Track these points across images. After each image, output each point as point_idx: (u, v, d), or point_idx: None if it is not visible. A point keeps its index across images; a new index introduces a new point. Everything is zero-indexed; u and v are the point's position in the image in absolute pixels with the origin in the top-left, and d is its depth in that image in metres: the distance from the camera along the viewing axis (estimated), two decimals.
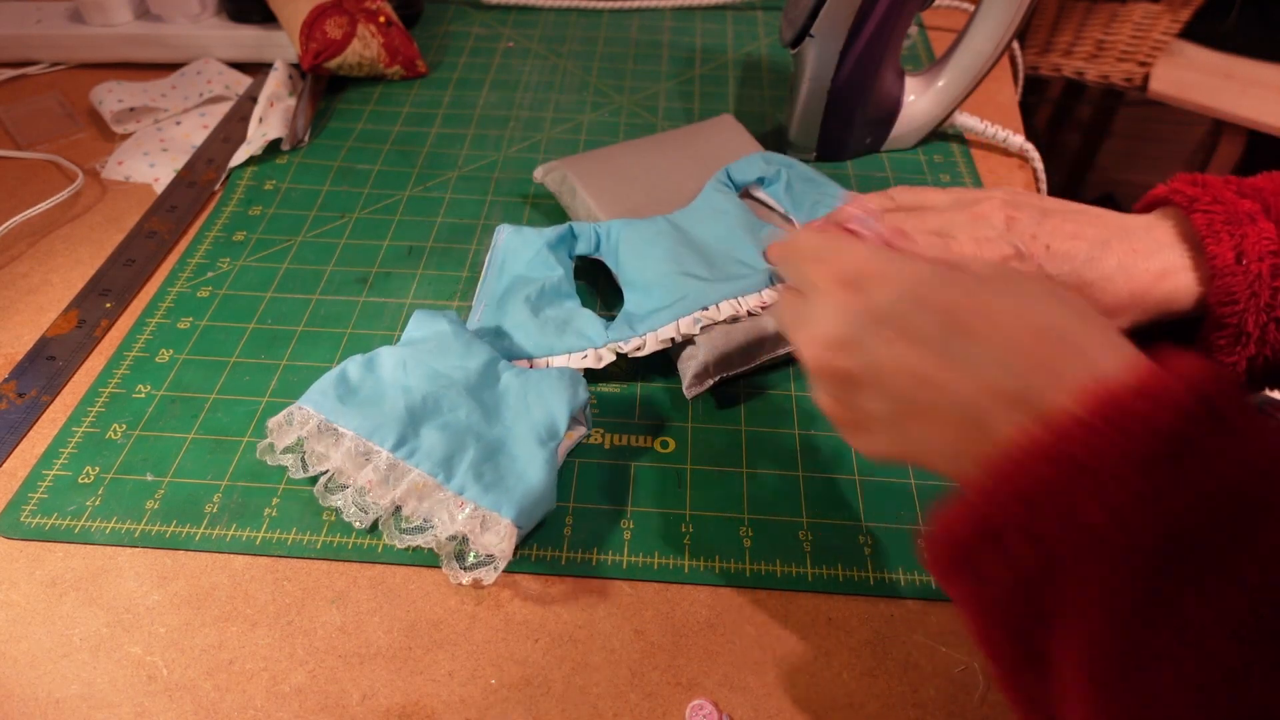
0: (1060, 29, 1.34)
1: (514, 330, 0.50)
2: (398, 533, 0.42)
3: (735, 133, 0.63)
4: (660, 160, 0.60)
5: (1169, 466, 0.23)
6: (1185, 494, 0.23)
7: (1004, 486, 0.25)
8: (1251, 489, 0.22)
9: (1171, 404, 0.23)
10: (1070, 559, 0.24)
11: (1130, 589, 0.23)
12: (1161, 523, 0.23)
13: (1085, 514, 0.23)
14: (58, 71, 0.76)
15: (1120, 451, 0.23)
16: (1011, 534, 0.25)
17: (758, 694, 0.38)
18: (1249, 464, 0.23)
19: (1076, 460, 0.24)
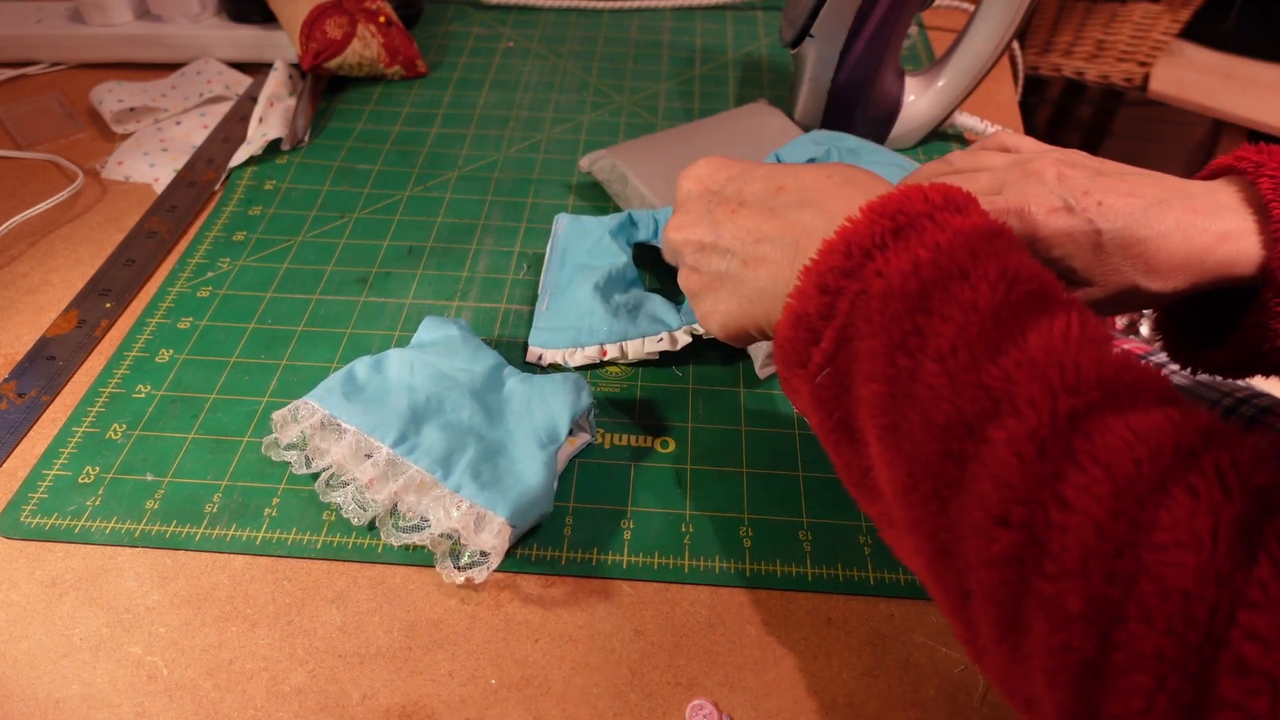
0: (1060, 29, 1.34)
1: (587, 317, 0.51)
2: (395, 531, 0.42)
3: (773, 115, 0.64)
4: (705, 144, 0.61)
5: (914, 232, 0.30)
6: (925, 249, 0.30)
7: (808, 282, 0.32)
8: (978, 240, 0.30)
9: (920, 197, 0.31)
10: (853, 322, 0.30)
11: (893, 328, 0.29)
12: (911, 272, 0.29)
13: (858, 282, 0.30)
14: (58, 71, 0.76)
15: (882, 230, 0.31)
16: (815, 319, 0.31)
17: (758, 694, 0.38)
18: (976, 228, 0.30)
19: (853, 243, 0.31)
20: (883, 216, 0.31)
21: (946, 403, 0.28)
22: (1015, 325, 0.28)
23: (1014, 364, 0.27)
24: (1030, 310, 0.28)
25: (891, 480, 0.30)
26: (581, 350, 0.50)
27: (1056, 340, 0.27)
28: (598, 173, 0.62)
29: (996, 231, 0.30)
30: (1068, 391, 0.26)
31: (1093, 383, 0.26)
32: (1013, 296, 0.28)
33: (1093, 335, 0.28)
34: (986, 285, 0.28)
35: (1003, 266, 0.29)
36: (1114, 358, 0.27)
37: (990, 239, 0.30)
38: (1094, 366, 0.27)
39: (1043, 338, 0.27)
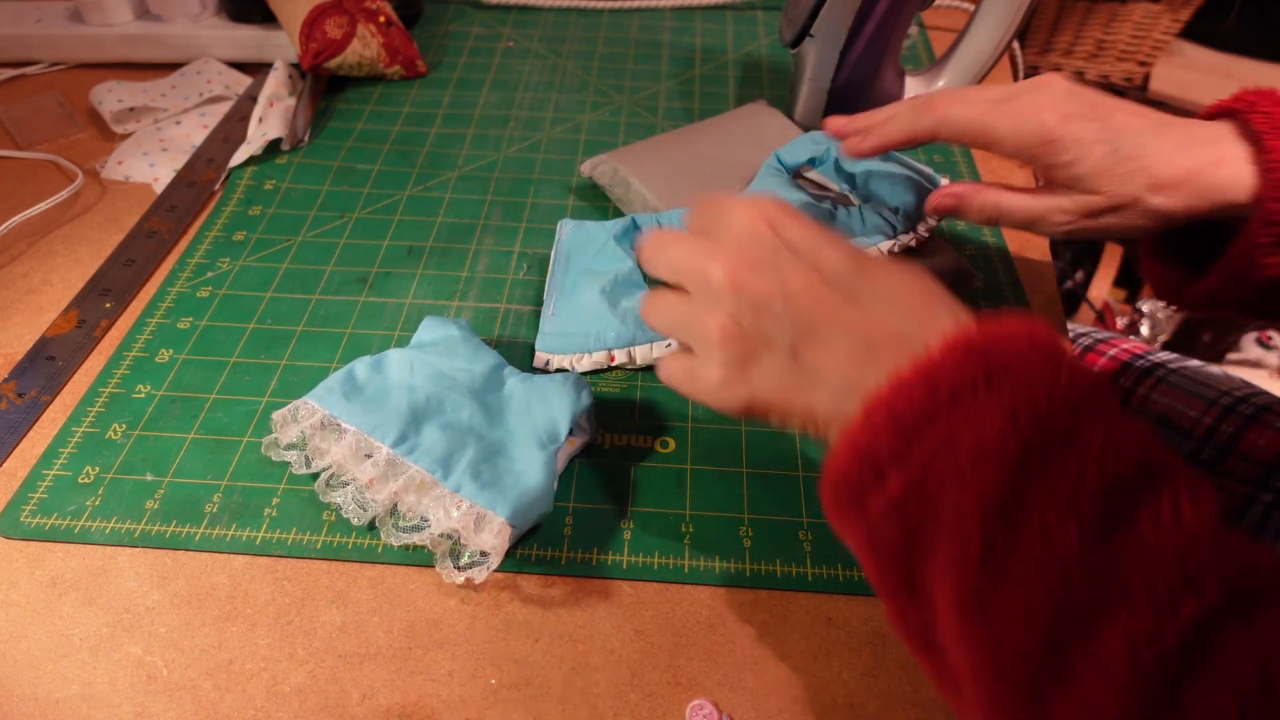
0: (1060, 29, 1.34)
1: (594, 322, 0.50)
2: (395, 530, 0.42)
3: (772, 116, 0.64)
4: (706, 147, 0.61)
5: (1009, 381, 0.27)
6: (1024, 402, 0.27)
7: (880, 416, 0.28)
8: (1078, 397, 0.27)
9: (1011, 336, 0.28)
10: (935, 472, 0.27)
11: (989, 490, 0.26)
12: (1009, 428, 0.27)
13: (942, 428, 0.27)
14: (58, 71, 0.76)
15: (972, 372, 0.28)
16: (886, 460, 0.28)
17: (758, 694, 0.38)
18: (1075, 378, 0.27)
19: (939, 382, 0.28)
20: (972, 355, 0.28)
21: (1051, 585, 0.25)
22: (1126, 503, 0.26)
23: (1126, 550, 0.25)
24: (1140, 486, 0.26)
25: (971, 657, 0.27)
26: (589, 356, 0.50)
27: (1167, 524, 0.25)
28: (598, 177, 0.61)
29: (1096, 387, 0.28)
30: (1188, 588, 0.24)
31: (1214, 579, 0.24)
32: (1122, 468, 0.26)
33: (1207, 516, 0.25)
34: (1094, 453, 0.26)
35: (1107, 432, 0.27)
36: (1240, 549, 0.25)
37: (1091, 398, 0.27)
38: (1213, 559, 0.24)
39: (1157, 521, 0.25)
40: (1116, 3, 1.28)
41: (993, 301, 0.56)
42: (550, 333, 0.52)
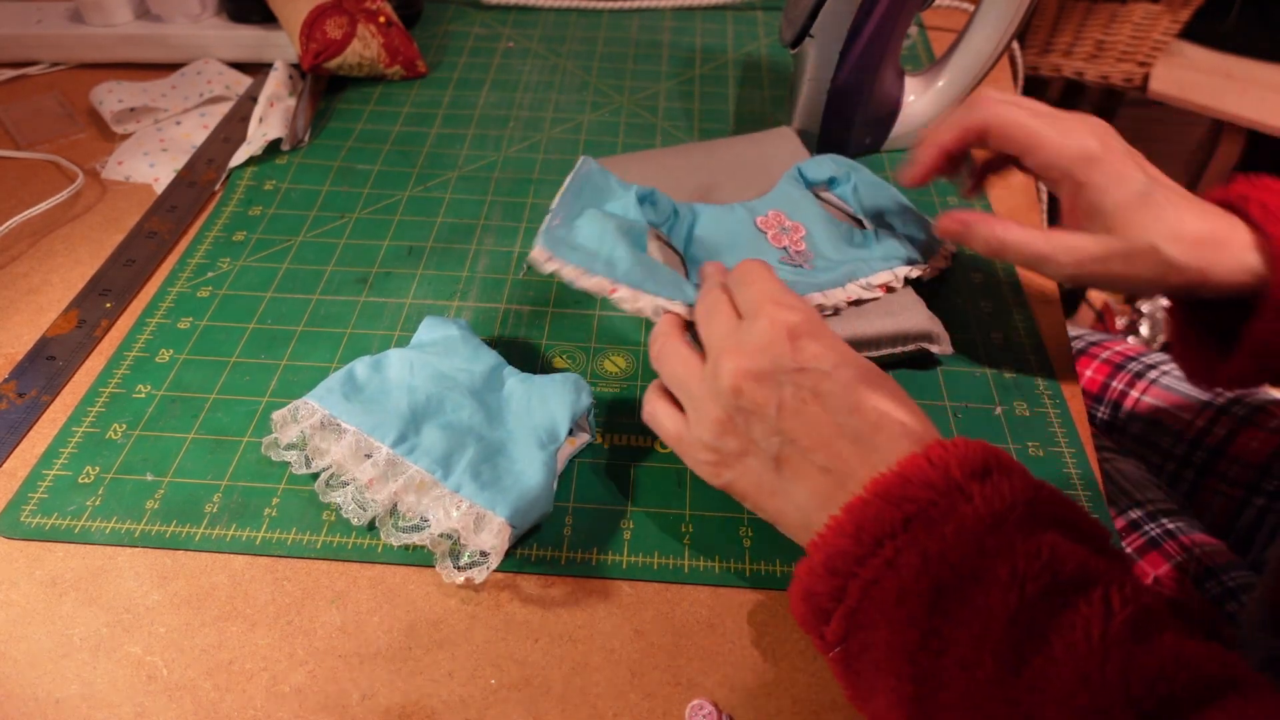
0: (1060, 29, 1.34)
1: (606, 247, 0.45)
2: (395, 530, 0.42)
3: (791, 145, 0.62)
4: (709, 165, 0.59)
5: (922, 524, 0.30)
6: (934, 542, 0.29)
7: (816, 559, 0.32)
8: (985, 530, 0.29)
9: (925, 481, 0.31)
10: (865, 612, 0.30)
11: (910, 628, 0.29)
12: (922, 568, 0.29)
13: (869, 571, 0.30)
14: (58, 71, 0.76)
15: (890, 518, 0.30)
16: (825, 599, 0.32)
17: (758, 694, 0.38)
18: (981, 517, 0.30)
19: (863, 528, 0.31)
20: (889, 504, 0.31)
21: (977, 715, 0.27)
22: (1036, 628, 0.27)
23: (1040, 675, 0.26)
24: (1049, 609, 0.28)
25: None
26: (591, 276, 0.44)
27: (1078, 644, 0.26)
28: None
29: (999, 520, 0.30)
30: (1097, 714, 0.25)
31: (1121, 699, 0.25)
32: (1027, 596, 0.28)
33: (1118, 629, 0.27)
34: (999, 588, 0.28)
35: (1012, 565, 0.28)
36: (1146, 660, 0.26)
37: (997, 531, 0.29)
38: (1120, 678, 0.26)
39: (1065, 641, 0.27)
40: (1116, 3, 1.28)
41: (993, 301, 0.56)
42: (557, 235, 0.46)
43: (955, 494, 0.30)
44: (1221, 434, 0.62)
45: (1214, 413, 0.63)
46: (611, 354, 0.52)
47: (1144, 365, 0.68)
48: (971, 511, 0.30)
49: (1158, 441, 0.65)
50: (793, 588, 0.33)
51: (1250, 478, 0.60)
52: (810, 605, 0.32)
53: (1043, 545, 0.29)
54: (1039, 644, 0.27)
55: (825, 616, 0.32)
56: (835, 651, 0.32)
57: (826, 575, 0.31)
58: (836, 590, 0.31)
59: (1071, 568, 0.29)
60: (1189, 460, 0.63)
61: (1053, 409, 0.50)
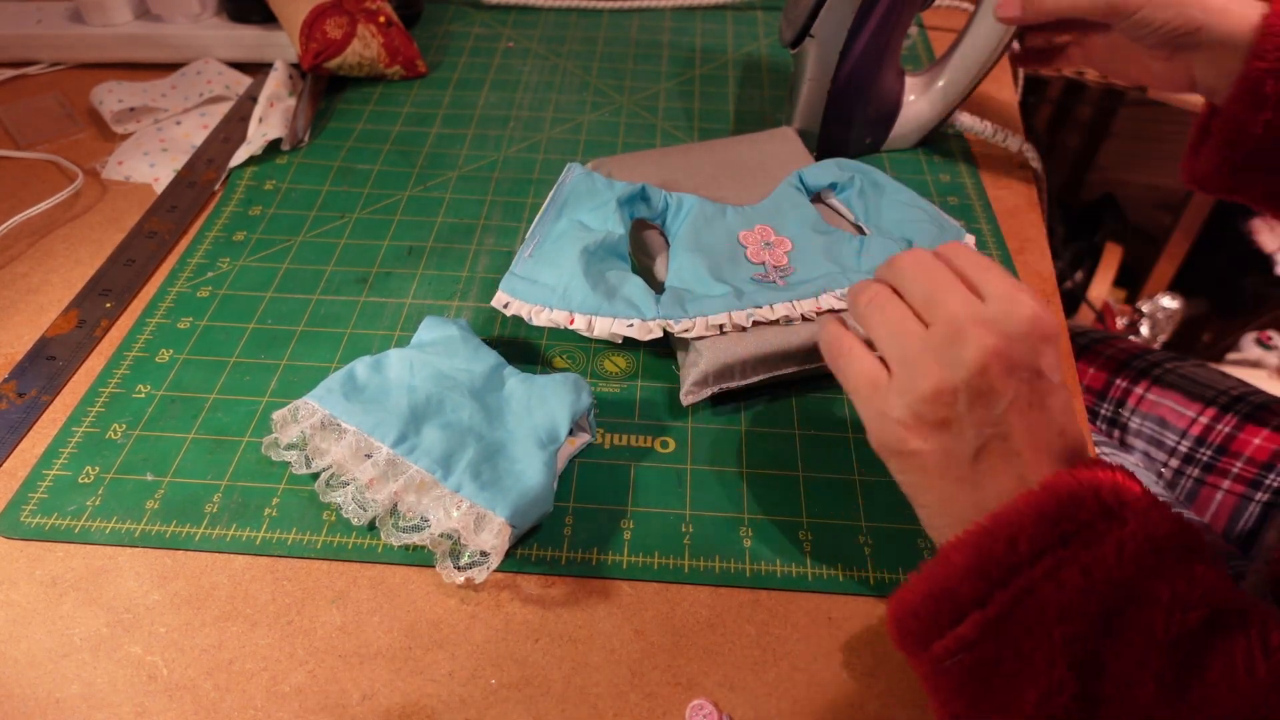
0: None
1: (565, 279, 0.48)
2: (395, 530, 0.42)
3: (791, 145, 0.62)
4: (709, 165, 0.59)
5: (1082, 544, 0.30)
6: (1098, 564, 0.29)
7: (961, 559, 0.31)
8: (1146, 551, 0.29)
9: (1085, 502, 0.30)
10: (1020, 619, 0.30)
11: (1072, 645, 0.29)
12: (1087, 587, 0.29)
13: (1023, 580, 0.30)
14: (58, 71, 0.76)
15: (1048, 534, 0.30)
16: (967, 602, 0.31)
17: (758, 694, 0.38)
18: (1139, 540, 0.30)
19: (1019, 538, 0.30)
20: (1048, 522, 0.30)
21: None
22: (1196, 655, 0.28)
23: (1199, 701, 0.27)
24: (1209, 636, 0.28)
25: None
26: (549, 311, 0.48)
27: (1240, 677, 0.27)
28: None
29: (1158, 544, 0.30)
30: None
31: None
32: (1189, 620, 0.28)
33: (1275, 665, 0.27)
34: (1161, 612, 0.28)
35: (1173, 589, 0.29)
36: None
37: (1155, 554, 0.30)
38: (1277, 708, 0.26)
39: (1225, 672, 0.27)
40: None
41: None
42: (519, 275, 0.50)
43: (1111, 518, 0.30)
44: (1225, 431, 0.62)
45: (1217, 411, 0.63)
46: (611, 354, 0.52)
47: (1147, 363, 0.68)
48: (1129, 535, 0.30)
49: (1161, 439, 0.65)
50: (912, 589, 0.32)
51: (1253, 474, 0.60)
52: (939, 607, 0.31)
53: (1197, 573, 0.29)
54: (1200, 671, 0.27)
55: (955, 620, 0.31)
56: (952, 660, 0.31)
57: (971, 577, 0.30)
58: (981, 595, 0.30)
59: (1225, 598, 0.29)
60: (1192, 458, 0.63)
61: None
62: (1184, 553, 0.30)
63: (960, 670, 0.31)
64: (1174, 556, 0.30)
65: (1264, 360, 1.31)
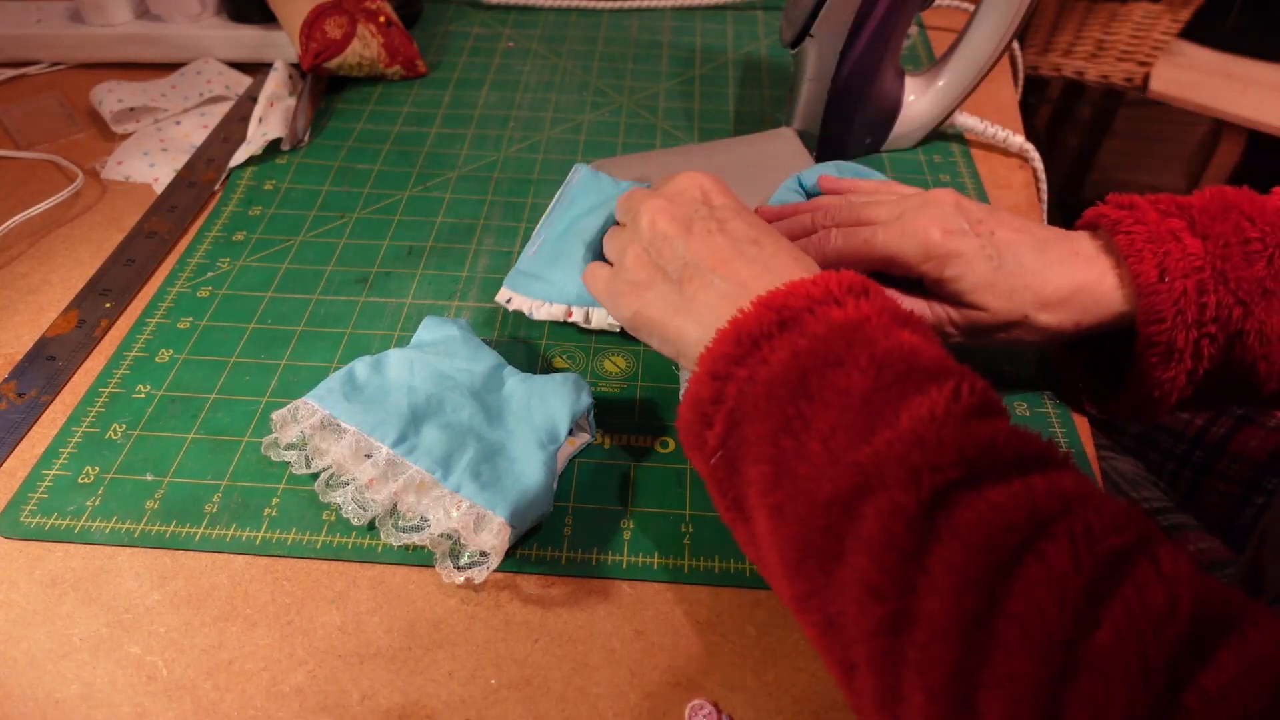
0: (1060, 29, 1.34)
1: (563, 275, 0.51)
2: (395, 530, 0.42)
3: (791, 146, 0.62)
4: (709, 166, 0.59)
5: (796, 324, 0.33)
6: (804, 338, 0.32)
7: (703, 368, 0.34)
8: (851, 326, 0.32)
9: (803, 292, 0.34)
10: (741, 408, 0.33)
11: (777, 412, 0.31)
12: (791, 360, 0.32)
13: (746, 369, 0.33)
14: (58, 71, 0.76)
15: (768, 321, 0.33)
16: (708, 404, 0.34)
17: (758, 694, 0.38)
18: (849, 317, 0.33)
19: (743, 332, 0.33)
20: (769, 309, 0.33)
21: (827, 481, 0.30)
22: (888, 407, 0.30)
23: (885, 442, 0.29)
24: (902, 390, 0.30)
25: (780, 557, 0.31)
26: (548, 305, 0.51)
27: (923, 417, 0.29)
28: None
29: (865, 320, 0.33)
30: (931, 469, 0.28)
31: (955, 458, 0.28)
32: (883, 379, 0.31)
33: (962, 409, 0.29)
34: (858, 371, 0.31)
35: (871, 353, 0.31)
36: (982, 431, 0.29)
37: (861, 328, 0.32)
38: (956, 441, 0.28)
39: (912, 416, 0.29)
40: (1116, 3, 1.28)
41: None
42: (522, 271, 0.53)
43: (830, 303, 0.33)
44: (1221, 432, 0.62)
45: (1213, 412, 0.63)
46: (611, 354, 0.52)
47: None
48: (840, 314, 0.33)
49: (1158, 440, 0.65)
50: (681, 405, 0.35)
51: (1250, 476, 0.60)
52: (696, 412, 0.34)
53: (903, 340, 0.32)
54: (889, 419, 0.29)
55: (708, 422, 0.34)
56: (716, 458, 0.34)
57: (709, 380, 0.34)
58: (717, 393, 0.33)
59: (928, 360, 0.31)
60: (1188, 459, 0.63)
61: (1052, 408, 0.50)
62: (896, 327, 0.33)
63: (722, 466, 0.34)
64: (883, 331, 0.32)
65: None
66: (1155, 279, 0.40)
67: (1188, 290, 0.40)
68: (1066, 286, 0.42)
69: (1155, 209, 0.42)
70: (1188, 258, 0.40)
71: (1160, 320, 0.40)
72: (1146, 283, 0.40)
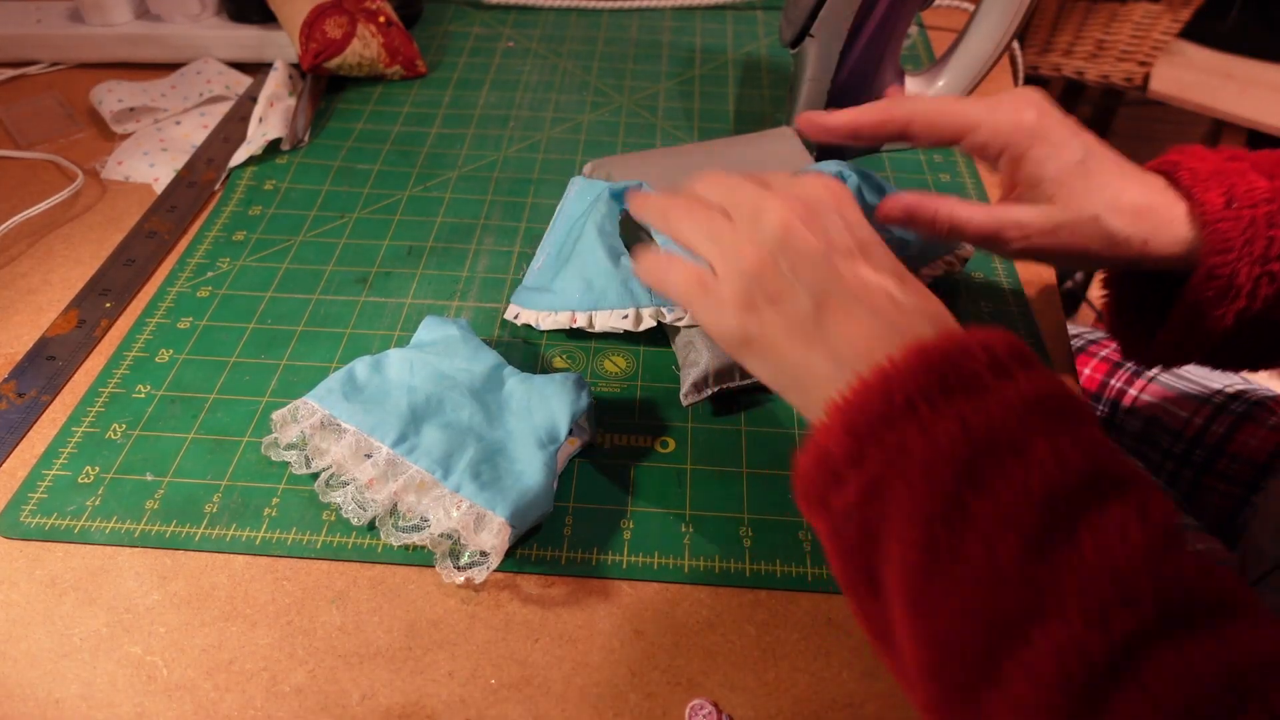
0: (1060, 29, 1.34)
1: (564, 283, 0.51)
2: (395, 530, 0.42)
3: (791, 145, 0.62)
4: (709, 165, 0.59)
5: (964, 393, 0.28)
6: (975, 413, 0.28)
7: (835, 420, 0.30)
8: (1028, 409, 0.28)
9: (972, 352, 0.29)
10: (887, 478, 0.28)
11: (935, 495, 0.27)
12: (960, 437, 0.28)
13: (896, 434, 0.28)
14: (58, 71, 0.76)
15: (929, 382, 0.28)
16: (841, 462, 0.29)
17: (758, 694, 0.38)
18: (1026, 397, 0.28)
19: (894, 389, 0.29)
20: (927, 364, 0.29)
21: (989, 592, 0.26)
22: (1068, 516, 0.26)
23: (1065, 563, 0.26)
24: (1084, 499, 0.27)
25: (917, 654, 0.28)
26: (553, 315, 0.51)
27: (1113, 541, 0.26)
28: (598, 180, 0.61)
29: (1041, 400, 0.28)
30: (1122, 606, 0.24)
31: (1149, 598, 0.25)
32: (1064, 480, 0.27)
33: (1153, 534, 0.26)
34: (1037, 466, 0.27)
35: (1054, 445, 0.27)
36: (1176, 566, 0.25)
37: (1043, 412, 0.28)
38: (1150, 576, 0.25)
39: (1097, 536, 0.26)
40: (1116, 3, 1.28)
41: (993, 302, 0.56)
42: (528, 286, 0.53)
43: (1001, 373, 0.29)
44: (1220, 432, 0.62)
45: (1212, 410, 0.63)
46: (611, 354, 0.52)
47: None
48: (1015, 390, 0.28)
49: (1157, 440, 0.65)
50: (803, 455, 0.31)
51: (1249, 475, 0.60)
52: (823, 468, 0.30)
53: (1084, 435, 0.28)
54: (1070, 533, 0.26)
55: (839, 483, 0.29)
56: (846, 525, 0.30)
57: (844, 435, 0.29)
58: (855, 454, 0.29)
59: (1111, 465, 0.27)
60: (1188, 459, 0.63)
61: None
62: (1075, 415, 0.29)
63: (854, 532, 0.30)
64: (1060, 416, 0.28)
65: None
66: (1222, 205, 0.40)
67: (1256, 220, 0.39)
68: (1141, 199, 0.41)
69: (1213, 153, 0.42)
70: (1255, 190, 0.39)
71: (1227, 250, 0.39)
72: (1213, 210, 0.39)
